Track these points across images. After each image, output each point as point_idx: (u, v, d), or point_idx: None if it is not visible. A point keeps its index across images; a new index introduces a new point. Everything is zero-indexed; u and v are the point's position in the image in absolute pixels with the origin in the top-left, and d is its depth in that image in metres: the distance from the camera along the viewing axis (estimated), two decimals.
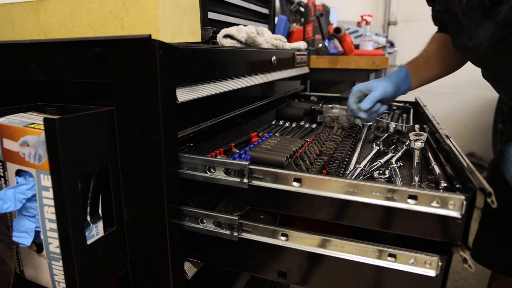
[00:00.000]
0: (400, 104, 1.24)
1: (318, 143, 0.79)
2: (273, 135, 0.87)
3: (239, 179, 0.52)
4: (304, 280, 0.54)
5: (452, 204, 0.43)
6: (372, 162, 0.72)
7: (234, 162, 0.52)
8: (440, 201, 0.44)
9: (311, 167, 0.65)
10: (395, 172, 0.65)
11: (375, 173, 0.66)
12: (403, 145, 0.80)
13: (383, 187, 0.46)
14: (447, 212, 0.44)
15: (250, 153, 0.67)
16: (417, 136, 0.80)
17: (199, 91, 0.59)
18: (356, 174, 0.66)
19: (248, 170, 0.52)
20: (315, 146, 0.76)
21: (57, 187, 0.45)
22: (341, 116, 1.04)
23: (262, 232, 0.55)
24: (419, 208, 0.45)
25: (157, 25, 0.49)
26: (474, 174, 0.46)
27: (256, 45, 0.87)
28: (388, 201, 0.46)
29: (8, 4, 0.58)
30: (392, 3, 3.78)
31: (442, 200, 0.44)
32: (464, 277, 1.83)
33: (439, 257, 0.46)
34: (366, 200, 0.47)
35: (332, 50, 1.66)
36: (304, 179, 0.50)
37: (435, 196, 0.44)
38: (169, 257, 0.54)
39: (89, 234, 0.52)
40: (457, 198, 0.43)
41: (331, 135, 0.87)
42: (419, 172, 0.65)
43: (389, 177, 0.65)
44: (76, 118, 0.46)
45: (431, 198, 0.44)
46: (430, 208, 0.44)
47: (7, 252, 0.53)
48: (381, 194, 0.46)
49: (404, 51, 3.74)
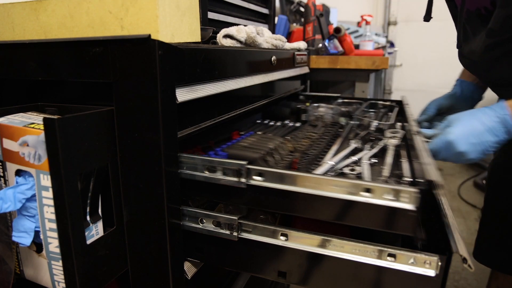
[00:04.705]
0: (387, 103, 1.25)
1: (294, 140, 0.79)
2: (254, 133, 0.87)
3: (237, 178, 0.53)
4: (304, 280, 0.54)
5: (405, 197, 0.44)
6: (347, 158, 0.72)
7: (233, 162, 0.53)
8: (394, 194, 0.45)
9: (280, 162, 0.65)
10: (365, 168, 0.65)
11: (346, 169, 0.66)
12: (380, 142, 0.80)
13: (340, 180, 0.47)
14: (400, 205, 0.45)
15: (227, 150, 0.68)
16: (393, 133, 0.81)
17: (199, 91, 0.59)
18: (325, 170, 0.66)
19: (246, 170, 0.52)
20: (289, 143, 0.76)
21: (56, 187, 0.45)
22: (325, 115, 1.04)
23: (262, 232, 0.55)
24: (373, 200, 0.46)
25: (156, 25, 0.49)
26: (428, 168, 0.47)
27: (256, 45, 0.87)
28: (345, 194, 0.48)
29: (8, 4, 0.58)
30: (392, 3, 3.78)
31: (396, 193, 0.45)
32: (464, 277, 1.83)
33: (438, 257, 0.46)
34: (326, 193, 0.49)
35: (332, 50, 1.66)
36: (265, 174, 0.51)
37: (388, 189, 0.45)
38: (169, 257, 0.54)
39: (89, 234, 0.52)
40: (410, 191, 0.44)
41: (309, 133, 0.87)
42: (390, 168, 0.66)
43: (360, 173, 0.65)
44: (76, 118, 0.46)
45: (385, 191, 0.45)
46: (384, 200, 0.46)
47: (7, 252, 0.53)
48: (339, 188, 0.48)
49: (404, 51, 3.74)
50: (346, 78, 1.66)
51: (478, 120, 0.70)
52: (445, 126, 0.73)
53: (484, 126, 0.69)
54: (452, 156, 0.72)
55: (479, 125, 0.69)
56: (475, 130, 0.70)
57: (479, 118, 0.70)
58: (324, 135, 0.84)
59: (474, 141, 0.69)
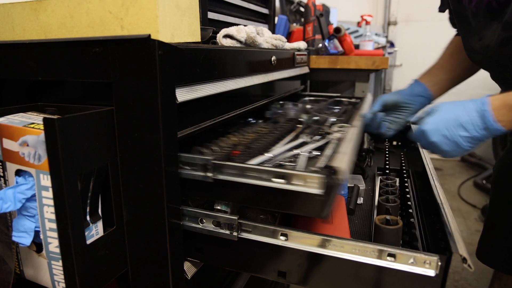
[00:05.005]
0: (352, 100, 1.27)
1: (241, 134, 0.80)
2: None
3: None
4: (304, 280, 0.54)
5: (313, 182, 0.48)
6: (290, 151, 0.73)
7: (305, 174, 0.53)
8: (303, 180, 0.49)
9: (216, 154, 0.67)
10: (303, 160, 0.66)
11: (284, 161, 0.67)
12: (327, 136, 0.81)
13: (257, 168, 0.51)
14: (310, 190, 0.49)
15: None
16: (340, 127, 0.83)
17: (199, 91, 0.59)
18: (260, 161, 0.66)
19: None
20: (233, 137, 0.77)
21: (56, 187, 0.45)
22: (288, 111, 1.04)
23: (261, 232, 0.55)
24: (286, 186, 0.50)
25: (156, 25, 0.49)
26: (339, 156, 0.54)
27: (256, 45, 0.87)
28: (261, 181, 0.51)
29: (7, 4, 0.58)
30: (392, 3, 3.78)
31: (305, 179, 0.49)
32: (464, 277, 1.83)
33: (438, 256, 0.46)
34: (245, 180, 0.52)
35: (332, 50, 1.66)
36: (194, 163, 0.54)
37: (299, 175, 0.49)
38: (169, 257, 0.54)
39: (89, 234, 0.52)
40: (316, 177, 0.48)
41: (259, 128, 0.87)
42: (327, 159, 0.66)
43: (295, 164, 0.66)
44: (76, 118, 0.46)
45: (295, 178, 0.49)
46: (295, 186, 0.50)
47: (7, 252, 0.53)
48: (257, 174, 0.51)
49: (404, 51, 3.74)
50: (346, 78, 1.66)
51: (454, 113, 0.68)
52: (426, 115, 0.72)
53: (459, 119, 0.67)
54: (428, 146, 0.72)
55: (454, 118, 0.68)
56: (448, 122, 0.68)
57: (456, 111, 0.68)
58: (276, 130, 0.85)
59: (446, 133, 0.68)
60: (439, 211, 0.57)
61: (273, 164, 0.66)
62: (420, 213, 0.72)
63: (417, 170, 0.91)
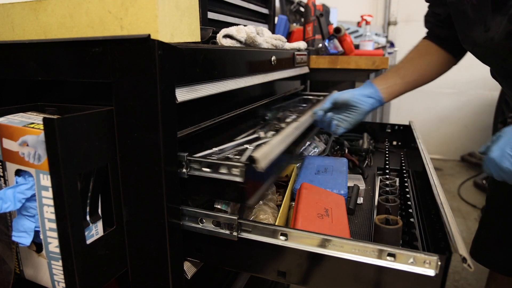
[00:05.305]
0: (320, 98, 1.27)
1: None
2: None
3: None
4: (304, 280, 0.54)
5: (235, 171, 0.52)
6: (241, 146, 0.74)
7: (229, 163, 0.53)
8: (227, 169, 0.53)
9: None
10: (248, 153, 0.68)
11: (231, 155, 0.68)
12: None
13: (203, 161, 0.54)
14: (233, 178, 0.52)
15: None
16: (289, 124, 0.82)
17: (199, 91, 0.59)
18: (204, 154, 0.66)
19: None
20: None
21: (56, 187, 0.45)
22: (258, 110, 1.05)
23: (261, 231, 0.55)
24: (212, 175, 0.54)
25: (156, 25, 0.49)
26: (262, 147, 0.57)
27: (256, 45, 0.87)
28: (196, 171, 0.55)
29: (7, 4, 0.58)
30: (392, 3, 3.78)
31: (229, 168, 0.52)
32: (464, 277, 1.83)
33: (438, 256, 0.46)
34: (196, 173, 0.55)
35: (332, 50, 1.66)
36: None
37: (224, 165, 0.53)
38: (169, 257, 0.54)
39: (89, 234, 0.52)
40: (238, 165, 0.52)
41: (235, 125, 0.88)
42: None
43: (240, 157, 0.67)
44: (76, 118, 0.46)
45: (222, 167, 0.53)
46: (220, 174, 0.53)
47: (6, 251, 0.53)
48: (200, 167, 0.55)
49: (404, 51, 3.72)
50: (346, 78, 1.65)
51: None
52: (492, 143, 0.67)
53: None
54: (501, 175, 0.65)
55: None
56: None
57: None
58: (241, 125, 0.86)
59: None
60: (439, 211, 0.57)
61: (219, 157, 0.67)
62: (420, 213, 0.72)
63: (417, 170, 0.91)
